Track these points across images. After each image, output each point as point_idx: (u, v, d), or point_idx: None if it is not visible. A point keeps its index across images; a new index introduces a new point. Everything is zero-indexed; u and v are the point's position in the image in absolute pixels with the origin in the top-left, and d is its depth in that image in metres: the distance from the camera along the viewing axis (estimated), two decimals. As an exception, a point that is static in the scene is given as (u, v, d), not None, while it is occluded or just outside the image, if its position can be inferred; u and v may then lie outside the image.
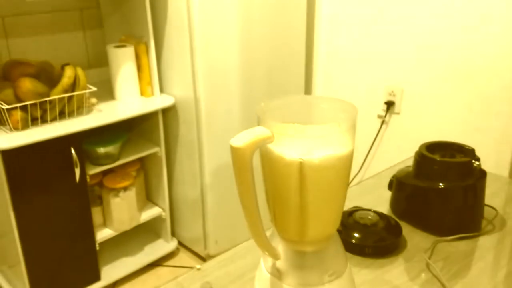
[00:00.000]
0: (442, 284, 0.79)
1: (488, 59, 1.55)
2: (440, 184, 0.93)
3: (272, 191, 0.60)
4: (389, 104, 1.83)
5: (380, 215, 0.93)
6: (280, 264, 0.63)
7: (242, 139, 0.55)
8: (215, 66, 1.75)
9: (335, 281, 0.62)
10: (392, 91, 1.81)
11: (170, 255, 2.12)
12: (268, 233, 0.63)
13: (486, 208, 0.99)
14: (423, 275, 0.82)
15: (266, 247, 0.62)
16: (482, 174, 0.93)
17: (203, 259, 2.04)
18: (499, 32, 1.52)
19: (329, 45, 2.02)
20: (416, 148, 0.99)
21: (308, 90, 2.16)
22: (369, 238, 0.89)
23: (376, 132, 1.91)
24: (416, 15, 1.71)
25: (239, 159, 0.55)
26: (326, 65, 2.07)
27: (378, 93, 1.86)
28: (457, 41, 1.61)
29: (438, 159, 0.94)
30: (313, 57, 2.10)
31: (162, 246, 2.10)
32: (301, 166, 0.56)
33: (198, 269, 0.87)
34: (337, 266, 0.63)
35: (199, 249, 2.03)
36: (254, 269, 0.86)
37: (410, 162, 1.05)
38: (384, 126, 1.88)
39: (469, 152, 0.95)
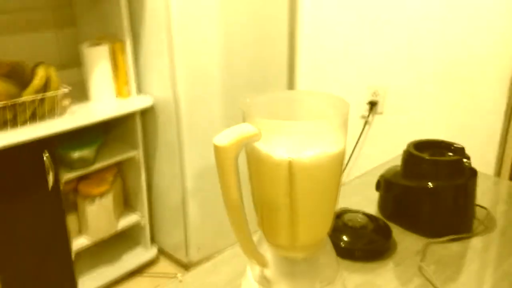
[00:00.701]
0: (437, 288, 0.76)
1: (473, 58, 1.54)
2: (430, 183, 0.90)
3: (259, 193, 0.55)
4: (372, 104, 1.80)
5: (369, 217, 0.89)
6: (268, 272, 0.59)
7: (226, 138, 0.50)
8: (195, 65, 1.70)
9: (329, 287, 0.58)
10: (375, 91, 1.79)
11: (150, 263, 2.05)
12: (254, 239, 0.58)
13: (476, 208, 0.97)
14: (415, 279, 0.78)
15: (253, 254, 0.57)
16: (473, 173, 0.90)
17: (185, 266, 1.98)
18: (484, 31, 1.51)
19: (312, 44, 1.99)
20: (400, 148, 0.96)
21: (291, 87, 2.12)
22: (359, 241, 0.85)
23: (359, 132, 1.88)
24: (400, 14, 1.69)
25: (223, 159, 0.50)
26: (309, 65, 2.04)
27: (361, 93, 1.84)
28: (441, 39, 1.60)
29: (427, 157, 0.91)
30: (296, 56, 2.06)
31: (141, 254, 2.03)
32: (290, 165, 0.51)
33: (180, 281, 0.81)
34: (329, 272, 0.59)
35: (180, 256, 1.97)
36: (239, 278, 0.81)
37: (395, 162, 1.02)
38: (367, 126, 1.85)
39: (459, 151, 0.92)
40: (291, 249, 0.58)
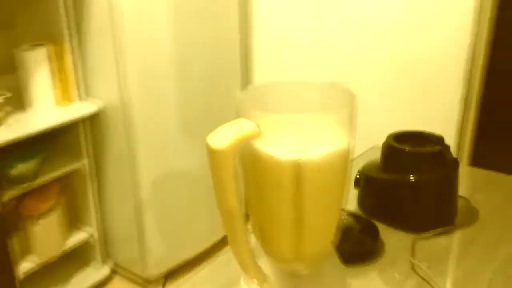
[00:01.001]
0: (434, 287, 0.72)
1: (429, 48, 1.55)
2: (413, 176, 0.86)
3: (258, 200, 0.48)
4: (330, 100, 1.77)
5: (354, 216, 0.84)
6: (270, 289, 0.51)
7: (223, 138, 0.42)
8: (145, 66, 1.58)
9: (338, 304, 0.51)
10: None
11: (104, 282, 1.90)
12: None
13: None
14: (410, 278, 0.74)
15: (253, 269, 0.49)
16: (456, 163, 0.88)
17: (143, 282, 1.85)
18: (439, 22, 1.52)
19: (266, 41, 1.94)
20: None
21: (245, 86, 2.05)
22: (346, 243, 0.80)
23: (318, 130, 1.85)
24: (355, 6, 1.67)
25: (220, 163, 0.43)
26: (263, 61, 1.98)
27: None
28: (398, 31, 1.60)
29: (408, 149, 0.87)
30: (250, 53, 2.00)
31: (93, 273, 1.87)
32: (297, 167, 0.44)
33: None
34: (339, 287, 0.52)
35: (138, 272, 1.84)
36: (234, 285, 0.73)
37: (362, 159, 0.99)
38: (325, 123, 1.82)
39: (438, 140, 0.90)
40: (294, 262, 0.51)
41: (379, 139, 0.93)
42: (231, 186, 0.43)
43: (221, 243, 1.99)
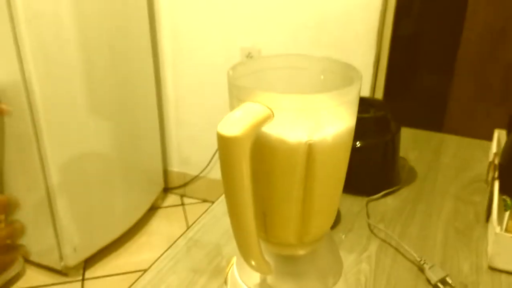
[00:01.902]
0: (398, 249, 0.75)
1: (341, 10, 1.58)
2: (358, 142, 0.88)
3: (264, 187, 0.44)
4: (248, 67, 1.74)
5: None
6: (270, 276, 0.49)
7: (236, 125, 0.37)
8: (47, 44, 1.39)
9: (339, 283, 0.50)
10: (249, 52, 1.73)
11: (15, 279, 1.71)
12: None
13: (396, 159, 0.99)
14: (372, 241, 0.77)
15: (259, 260, 0.46)
16: (397, 126, 0.91)
17: (61, 272, 1.71)
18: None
19: (173, 8, 1.82)
20: None
21: (156, 54, 1.93)
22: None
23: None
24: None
25: (235, 153, 0.38)
26: (173, 29, 1.87)
27: (234, 55, 1.76)
28: (308, -4, 1.60)
29: (353, 116, 0.89)
30: (158, 22, 1.87)
31: (0, 270, 1.68)
32: (309, 148, 0.41)
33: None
34: (336, 264, 0.52)
35: (53, 263, 1.69)
36: (193, 284, 0.68)
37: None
38: (244, 90, 1.80)
39: (380, 105, 0.92)
40: (295, 247, 0.48)
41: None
42: (246, 178, 0.39)
43: (137, 227, 1.90)
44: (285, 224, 0.46)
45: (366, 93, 1.65)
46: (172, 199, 2.12)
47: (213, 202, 0.86)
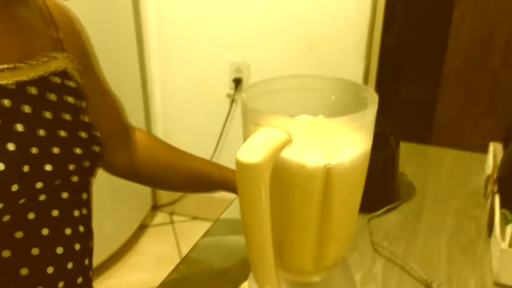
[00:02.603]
0: (404, 268, 0.74)
1: (330, 25, 1.59)
2: (357, 158, 0.87)
3: (281, 212, 0.43)
4: (238, 81, 1.74)
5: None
6: (285, 305, 0.47)
7: (257, 151, 0.36)
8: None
9: (354, 308, 0.49)
10: (238, 67, 1.72)
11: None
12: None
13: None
14: (377, 260, 0.76)
15: (274, 286, 0.44)
16: (397, 141, 0.91)
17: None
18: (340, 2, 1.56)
19: (161, 23, 1.80)
20: None
21: (143, 69, 1.90)
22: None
23: (227, 112, 1.80)
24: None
25: (255, 180, 0.37)
26: (161, 46, 1.85)
27: (223, 71, 1.75)
28: (298, 10, 1.61)
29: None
30: (146, 37, 1.85)
31: None
32: (327, 173, 0.40)
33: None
34: (351, 288, 0.50)
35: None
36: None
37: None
38: (234, 104, 1.78)
39: (379, 120, 0.92)
40: (313, 273, 0.47)
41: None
42: (266, 204, 0.37)
43: (126, 246, 1.86)
44: (302, 251, 0.45)
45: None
46: (161, 217, 2.08)
47: (204, 219, 0.84)
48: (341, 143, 0.41)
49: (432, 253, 0.77)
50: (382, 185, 0.90)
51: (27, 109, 0.50)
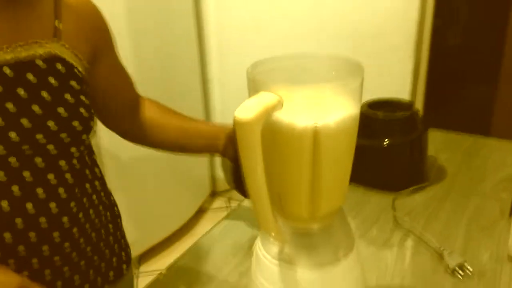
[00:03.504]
0: (421, 238, 0.79)
1: (377, 22, 1.62)
2: (386, 141, 0.93)
3: (277, 167, 0.51)
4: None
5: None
6: (287, 248, 0.55)
7: (250, 110, 0.45)
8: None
9: (349, 256, 0.56)
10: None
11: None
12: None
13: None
14: (397, 232, 0.81)
15: (275, 231, 0.53)
16: (425, 125, 0.95)
17: (116, 267, 1.84)
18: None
19: (220, 23, 1.94)
20: None
21: (204, 69, 2.05)
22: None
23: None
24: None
25: (247, 135, 0.45)
26: (220, 43, 1.99)
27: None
28: (348, 6, 1.66)
29: (381, 116, 0.94)
30: (206, 39, 2.00)
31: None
32: (315, 132, 0.48)
33: (161, 274, 0.75)
34: (348, 239, 0.58)
35: (110, 258, 1.83)
36: (227, 264, 0.76)
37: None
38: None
39: (408, 106, 0.97)
40: (309, 222, 0.55)
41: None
42: (259, 156, 0.46)
43: (187, 227, 2.01)
44: (298, 201, 0.53)
45: (406, 98, 1.67)
46: (219, 202, 2.22)
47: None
48: (328, 107, 0.48)
49: (451, 229, 0.81)
50: (408, 167, 0.95)
51: None
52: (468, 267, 0.70)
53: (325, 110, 0.49)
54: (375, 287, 0.69)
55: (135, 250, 1.83)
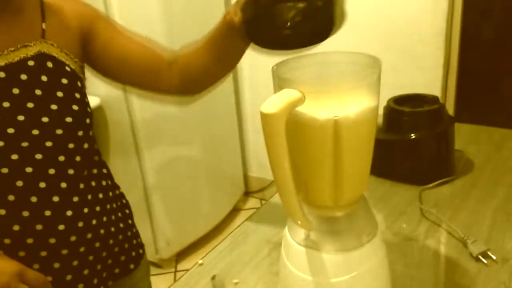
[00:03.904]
0: (446, 229, 0.81)
1: (407, 16, 1.63)
2: (413, 134, 0.95)
3: (302, 158, 0.56)
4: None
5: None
6: (313, 234, 0.59)
7: (275, 105, 0.49)
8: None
9: (372, 241, 0.60)
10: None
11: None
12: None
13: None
14: (423, 223, 0.84)
15: (301, 218, 0.57)
16: (451, 120, 0.97)
17: (156, 264, 1.93)
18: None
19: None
20: None
21: (234, 71, 2.12)
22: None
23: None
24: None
25: (273, 127, 0.50)
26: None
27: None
28: (380, 3, 1.68)
29: (407, 110, 0.96)
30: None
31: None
32: (336, 124, 0.52)
33: (201, 264, 0.80)
34: (371, 225, 0.61)
35: (149, 255, 1.90)
36: (260, 251, 0.81)
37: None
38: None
39: (434, 100, 0.99)
40: (333, 209, 0.59)
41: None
42: (283, 147, 0.50)
43: (222, 226, 2.07)
44: (322, 189, 0.57)
45: (437, 92, 1.67)
46: (252, 202, 2.28)
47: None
48: (348, 100, 0.52)
49: (477, 218, 0.83)
50: (434, 160, 0.96)
51: None
52: (491, 255, 0.71)
53: (345, 103, 0.52)
54: (402, 272, 0.72)
55: (172, 249, 1.90)
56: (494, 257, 0.71)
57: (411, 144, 0.96)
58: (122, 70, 0.76)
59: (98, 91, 1.65)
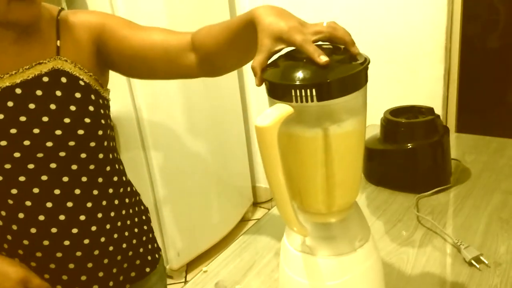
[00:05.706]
0: (441, 235, 0.84)
1: (408, 29, 1.67)
2: (409, 144, 0.99)
3: (296, 168, 0.60)
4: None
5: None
6: (309, 240, 0.63)
7: (268, 118, 0.54)
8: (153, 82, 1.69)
9: (365, 246, 0.63)
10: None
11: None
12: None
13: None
14: (419, 230, 0.87)
15: (296, 225, 0.61)
16: (446, 130, 1.00)
17: (166, 275, 1.96)
18: (417, 5, 1.64)
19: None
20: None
21: (242, 82, 2.17)
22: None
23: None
24: None
25: (266, 139, 0.54)
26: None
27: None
28: (381, 17, 1.72)
29: (403, 121, 1.00)
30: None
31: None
32: (325, 136, 0.56)
33: (205, 271, 0.84)
34: (363, 231, 0.65)
35: (160, 266, 1.95)
36: (262, 258, 0.85)
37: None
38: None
39: (429, 111, 1.02)
40: (327, 216, 0.63)
41: (374, 118, 1.04)
42: (277, 158, 0.55)
43: (230, 236, 2.11)
44: (315, 196, 0.61)
45: (438, 104, 1.70)
46: (261, 212, 2.31)
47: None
48: (336, 112, 0.56)
49: (471, 224, 0.85)
50: (430, 168, 1.00)
51: (9, 104, 0.66)
52: (484, 260, 0.74)
53: (334, 115, 0.57)
54: (397, 277, 0.75)
55: (182, 260, 1.94)
56: (486, 262, 0.74)
57: (407, 154, 1.00)
58: (142, 65, 0.77)
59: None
